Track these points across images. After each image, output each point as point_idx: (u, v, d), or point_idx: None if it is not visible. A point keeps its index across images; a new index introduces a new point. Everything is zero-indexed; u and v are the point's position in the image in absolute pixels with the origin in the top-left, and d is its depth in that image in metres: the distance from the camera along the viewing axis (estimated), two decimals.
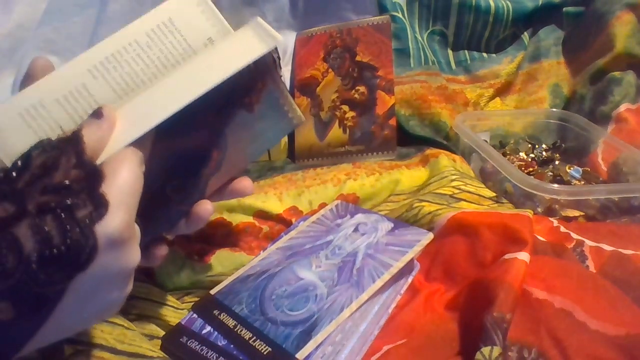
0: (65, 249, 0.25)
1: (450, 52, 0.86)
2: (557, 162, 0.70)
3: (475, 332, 0.38)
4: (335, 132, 0.72)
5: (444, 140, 0.73)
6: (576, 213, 0.57)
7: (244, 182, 0.43)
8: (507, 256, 0.43)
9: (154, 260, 0.40)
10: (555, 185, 0.55)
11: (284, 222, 0.56)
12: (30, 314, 0.25)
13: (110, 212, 0.27)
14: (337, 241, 0.49)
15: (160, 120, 0.32)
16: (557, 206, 0.57)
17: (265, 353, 0.38)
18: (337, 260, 0.46)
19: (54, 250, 0.25)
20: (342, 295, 0.42)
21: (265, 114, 0.41)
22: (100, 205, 0.27)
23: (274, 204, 0.57)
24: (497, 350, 0.36)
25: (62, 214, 0.25)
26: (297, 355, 0.37)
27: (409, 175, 0.64)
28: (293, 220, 0.56)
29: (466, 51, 0.86)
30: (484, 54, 0.86)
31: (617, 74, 0.75)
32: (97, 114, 0.31)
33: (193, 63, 0.35)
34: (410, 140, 0.73)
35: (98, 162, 0.30)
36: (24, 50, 0.57)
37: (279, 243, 0.51)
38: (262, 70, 0.39)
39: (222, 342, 0.40)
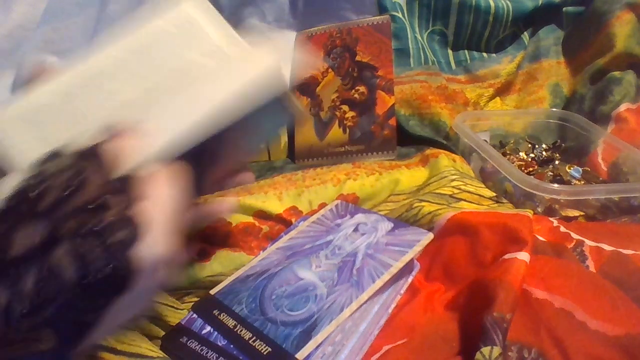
0: (104, 275, 0.24)
1: (450, 52, 0.86)
2: (557, 162, 0.70)
3: (475, 332, 0.38)
4: (335, 132, 0.72)
5: (444, 140, 0.73)
6: (576, 213, 0.57)
7: (245, 175, 0.42)
8: (507, 256, 0.43)
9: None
10: (555, 185, 0.55)
11: (283, 222, 0.56)
12: (70, 341, 0.25)
13: (149, 233, 0.26)
14: (337, 241, 0.48)
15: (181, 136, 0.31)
16: (557, 206, 0.57)
17: (265, 353, 0.38)
18: (337, 260, 0.46)
19: (95, 275, 0.24)
20: (342, 295, 0.42)
21: (264, 109, 0.40)
22: (136, 226, 0.25)
23: (274, 204, 0.57)
24: (497, 350, 0.36)
25: (99, 238, 0.24)
26: (297, 355, 0.37)
27: (409, 175, 0.64)
28: (293, 220, 0.56)
29: (466, 51, 0.86)
30: (484, 54, 0.86)
31: (617, 73, 0.75)
32: (117, 130, 0.29)
33: (208, 82, 0.34)
34: (410, 140, 0.73)
35: (123, 176, 0.28)
36: (23, 50, 0.57)
37: (279, 243, 0.51)
38: None
39: (222, 342, 0.40)
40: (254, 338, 0.39)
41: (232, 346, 0.39)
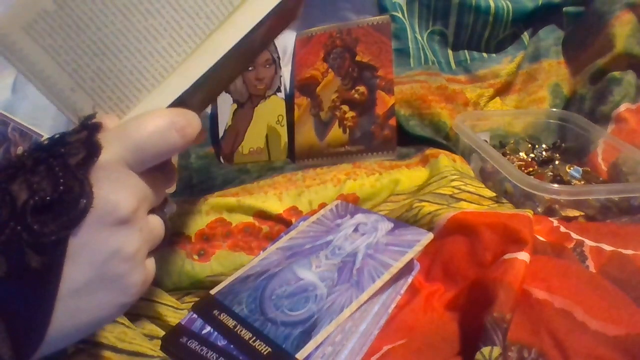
0: (57, 195, 0.24)
1: (450, 52, 0.86)
2: (557, 162, 0.70)
3: (475, 332, 0.38)
4: (335, 132, 0.72)
5: (444, 140, 0.73)
6: (576, 213, 0.57)
7: (169, 207, 0.40)
8: (507, 256, 0.43)
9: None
10: (555, 185, 0.55)
11: (283, 222, 0.56)
12: (26, 273, 0.24)
13: (105, 151, 0.26)
14: (337, 241, 0.49)
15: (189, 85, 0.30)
16: (557, 206, 0.57)
17: (265, 353, 0.38)
18: (337, 260, 0.46)
19: (46, 197, 0.24)
20: (342, 295, 0.42)
21: None
22: (94, 150, 0.26)
23: (274, 204, 0.57)
24: (497, 351, 0.36)
25: (54, 163, 0.25)
26: (297, 356, 0.37)
27: (409, 175, 0.64)
28: (293, 220, 0.56)
29: (466, 51, 0.86)
30: (484, 54, 0.86)
31: (617, 73, 0.75)
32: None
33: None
34: (410, 140, 0.73)
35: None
36: None
37: (279, 243, 0.51)
38: None
39: (222, 343, 0.40)
40: (254, 338, 0.39)
41: (232, 346, 0.39)
